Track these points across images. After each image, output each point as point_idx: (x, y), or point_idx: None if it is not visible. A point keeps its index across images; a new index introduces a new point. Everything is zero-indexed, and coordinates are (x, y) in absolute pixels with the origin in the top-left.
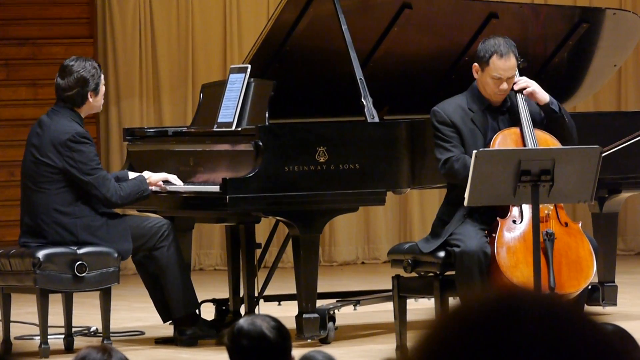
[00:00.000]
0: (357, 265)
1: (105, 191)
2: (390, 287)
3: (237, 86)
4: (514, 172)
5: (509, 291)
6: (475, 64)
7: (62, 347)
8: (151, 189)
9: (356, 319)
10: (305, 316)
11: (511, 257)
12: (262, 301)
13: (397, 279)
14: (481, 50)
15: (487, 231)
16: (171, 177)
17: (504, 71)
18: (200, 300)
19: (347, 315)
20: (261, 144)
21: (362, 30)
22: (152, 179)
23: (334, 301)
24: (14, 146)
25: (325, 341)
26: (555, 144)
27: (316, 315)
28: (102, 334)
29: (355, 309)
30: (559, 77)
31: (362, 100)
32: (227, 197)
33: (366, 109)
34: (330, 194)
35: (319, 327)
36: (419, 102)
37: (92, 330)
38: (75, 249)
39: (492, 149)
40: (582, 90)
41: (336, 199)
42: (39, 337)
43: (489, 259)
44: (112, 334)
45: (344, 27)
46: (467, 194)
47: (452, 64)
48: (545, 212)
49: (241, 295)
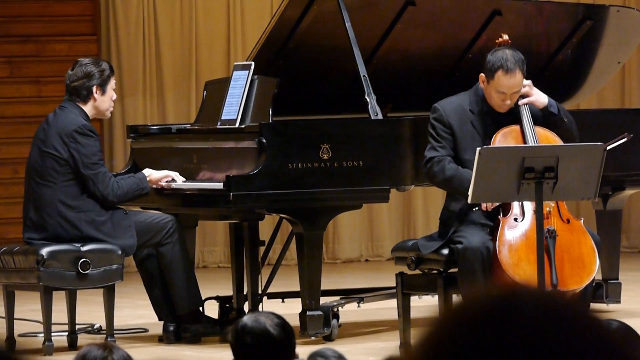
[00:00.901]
0: (360, 262)
1: (102, 188)
2: (393, 285)
3: (240, 83)
4: (518, 169)
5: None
6: (481, 74)
7: (66, 344)
8: (153, 187)
9: (360, 317)
10: (309, 313)
11: (513, 255)
12: (265, 298)
13: (400, 276)
14: (489, 62)
15: (489, 229)
16: (173, 174)
17: (509, 88)
18: (204, 297)
19: (350, 312)
20: (265, 141)
21: (365, 27)
22: (152, 177)
23: (338, 298)
24: (18, 143)
25: (328, 338)
26: (556, 141)
27: (320, 312)
28: (105, 332)
29: (359, 306)
30: (562, 75)
31: (366, 97)
32: (231, 194)
33: (370, 106)
34: (333, 191)
35: (322, 324)
36: (422, 99)
37: (95, 327)
38: (78, 246)
39: (495, 146)
40: (586, 87)
41: (340, 196)
42: (43, 335)
43: (491, 255)
44: (115, 332)
45: (348, 24)
46: (470, 191)
47: (455, 61)
48: (546, 209)
49: (245, 292)
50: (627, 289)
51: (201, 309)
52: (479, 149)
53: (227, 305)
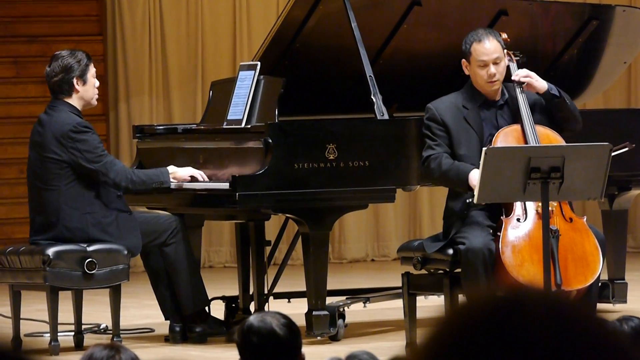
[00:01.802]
0: (366, 262)
1: (114, 175)
2: (399, 285)
3: (246, 83)
4: (524, 169)
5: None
6: (463, 60)
7: (72, 344)
8: (176, 183)
9: (366, 316)
10: (315, 313)
11: (516, 256)
12: (271, 298)
13: (406, 276)
14: (463, 44)
15: (492, 230)
16: (197, 173)
17: (487, 54)
18: (210, 297)
19: (356, 312)
20: (271, 141)
21: (371, 27)
22: (177, 174)
23: (344, 298)
24: (24, 144)
25: (334, 338)
26: (557, 139)
27: (326, 312)
28: (111, 332)
29: (365, 306)
30: (568, 75)
31: (372, 97)
32: (237, 194)
33: (376, 106)
34: (339, 191)
35: (328, 324)
36: (428, 99)
37: (102, 327)
38: (85, 246)
39: (502, 147)
40: (592, 87)
41: (346, 196)
42: (49, 335)
43: (493, 256)
44: (121, 332)
45: (354, 24)
46: (476, 191)
47: (461, 61)
48: (549, 208)
49: (251, 292)
50: (634, 289)
51: (207, 309)
52: (485, 149)
53: (233, 305)
